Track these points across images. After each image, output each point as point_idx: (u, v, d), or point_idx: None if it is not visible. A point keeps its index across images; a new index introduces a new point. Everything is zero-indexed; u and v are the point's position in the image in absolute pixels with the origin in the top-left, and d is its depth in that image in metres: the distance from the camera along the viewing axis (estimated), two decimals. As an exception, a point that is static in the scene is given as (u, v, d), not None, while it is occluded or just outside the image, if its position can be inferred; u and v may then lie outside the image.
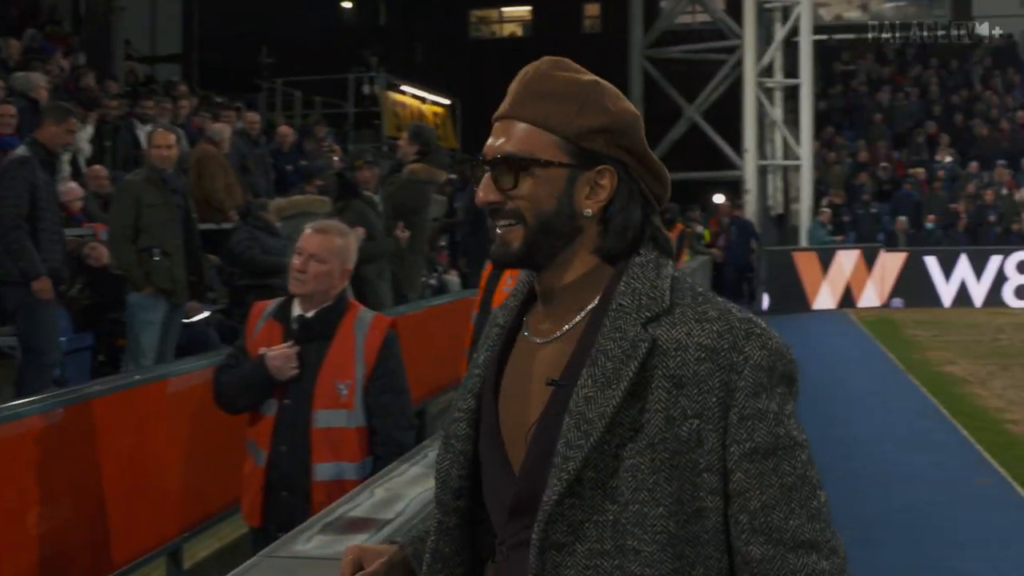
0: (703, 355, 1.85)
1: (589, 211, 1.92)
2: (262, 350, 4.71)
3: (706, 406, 1.84)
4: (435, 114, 26.39)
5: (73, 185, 11.36)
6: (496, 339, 2.05)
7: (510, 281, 8.31)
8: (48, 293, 8.09)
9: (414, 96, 25.72)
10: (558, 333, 1.95)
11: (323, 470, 4.62)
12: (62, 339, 8.72)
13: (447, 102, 27.70)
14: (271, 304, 4.96)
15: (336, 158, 11.38)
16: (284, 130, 16.31)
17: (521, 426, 1.94)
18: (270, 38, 28.21)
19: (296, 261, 4.73)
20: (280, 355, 4.65)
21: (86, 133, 13.09)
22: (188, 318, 9.59)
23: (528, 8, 39.47)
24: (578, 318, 1.94)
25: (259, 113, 17.51)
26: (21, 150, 8.35)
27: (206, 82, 24.47)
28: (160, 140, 8.87)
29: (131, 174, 9.06)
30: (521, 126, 1.92)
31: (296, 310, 4.79)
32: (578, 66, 1.98)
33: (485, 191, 1.95)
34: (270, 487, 4.68)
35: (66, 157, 11.69)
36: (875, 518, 8.02)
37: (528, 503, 1.89)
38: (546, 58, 1.97)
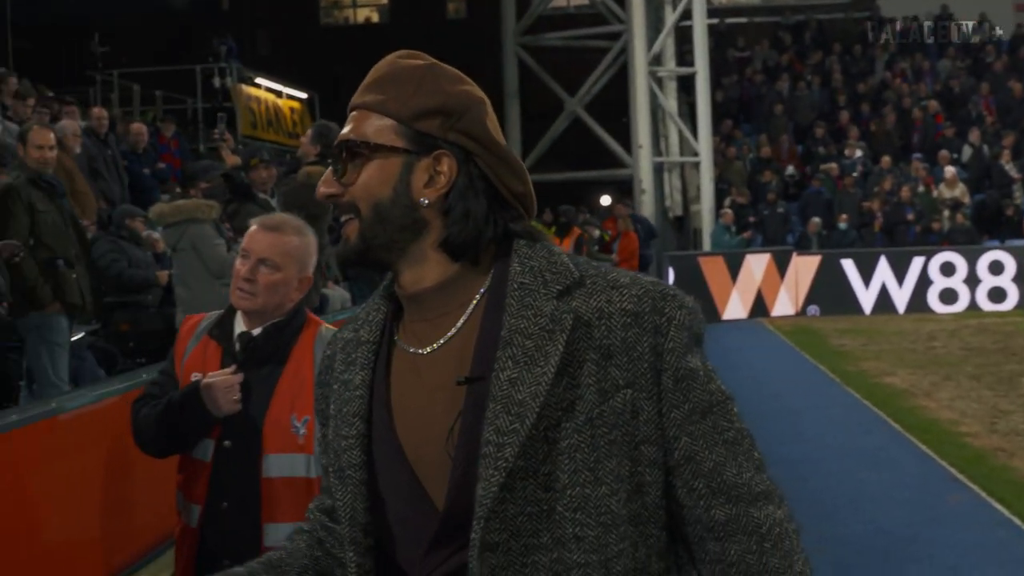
0: (628, 320, 1.95)
1: (426, 200, 1.99)
2: (195, 376, 4.16)
3: (637, 373, 1.94)
4: (292, 109, 26.16)
5: None
6: (368, 356, 2.08)
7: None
8: None
9: (269, 89, 25.45)
10: (445, 338, 2.00)
11: (278, 532, 3.96)
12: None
13: (304, 96, 27.49)
14: (206, 318, 4.39)
15: (228, 151, 11.09)
16: (137, 128, 15.99)
17: (426, 443, 1.97)
18: (96, 25, 27.61)
19: (240, 266, 4.14)
20: (218, 383, 4.07)
21: None
22: None
23: (383, -10, 39.44)
24: (465, 315, 2.00)
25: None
26: None
27: (25, 74, 23.85)
28: (39, 139, 8.66)
29: (8, 177, 8.74)
30: (360, 113, 2.04)
31: (239, 326, 4.23)
32: (424, 55, 2.09)
33: (324, 183, 2.05)
34: (207, 553, 4.09)
35: None
36: (850, 541, 8.13)
37: (463, 519, 1.92)
38: (400, 51, 2.11)
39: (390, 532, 2.02)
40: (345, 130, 2.05)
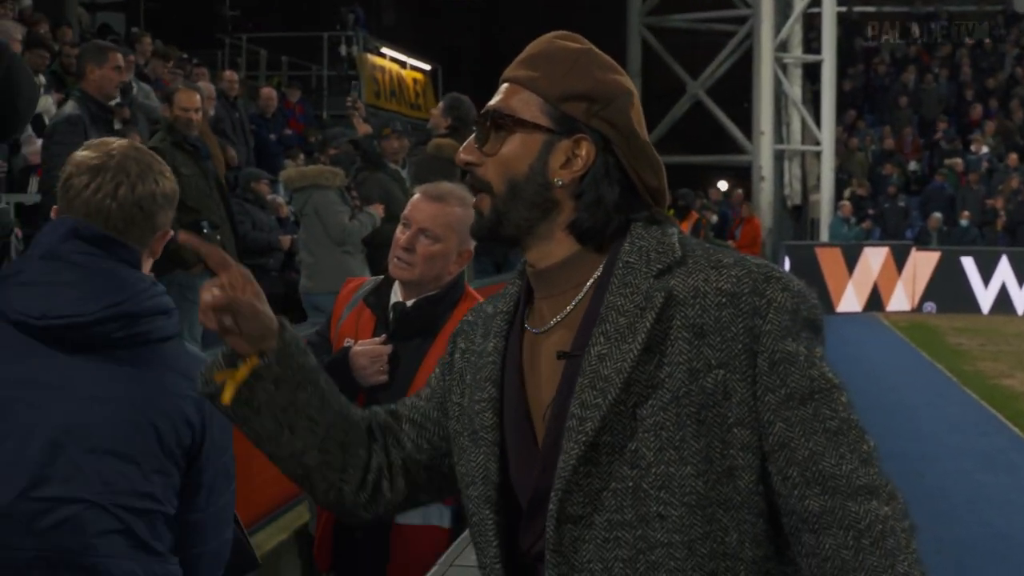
0: (724, 300, 1.93)
1: (561, 180, 2.01)
2: (347, 342, 4.09)
3: (731, 354, 1.91)
4: (415, 80, 26.25)
5: (36, 147, 11.16)
6: (502, 326, 2.13)
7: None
8: None
9: (393, 60, 25.56)
10: (559, 317, 2.03)
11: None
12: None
13: (428, 68, 27.57)
14: (366, 283, 4.31)
15: (360, 119, 11.10)
16: (267, 93, 16.16)
17: (540, 411, 2.02)
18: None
19: (400, 235, 4.03)
20: (367, 352, 3.99)
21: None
22: None
23: (509, -33, 39.38)
24: (579, 296, 2.03)
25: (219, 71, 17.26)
26: (69, 107, 8.09)
27: (155, 35, 24.19)
28: (185, 101, 8.63)
29: (152, 139, 8.78)
30: (511, 87, 2.07)
31: (395, 296, 4.12)
32: (583, 39, 2.11)
33: (464, 150, 2.07)
34: (342, 525, 4.09)
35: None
36: (967, 543, 8.04)
37: (546, 483, 1.96)
38: (558, 31, 2.12)
39: (515, 496, 2.06)
40: (493, 101, 2.08)
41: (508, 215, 2.03)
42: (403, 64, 26.06)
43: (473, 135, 2.08)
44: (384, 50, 25.28)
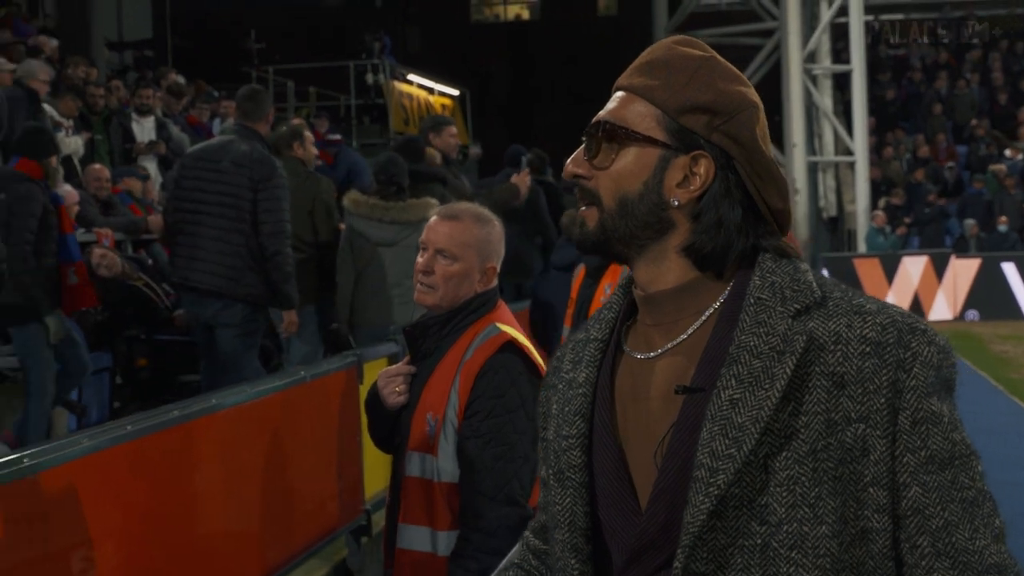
0: (868, 349, 1.80)
1: (677, 200, 1.88)
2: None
3: (872, 408, 1.79)
4: (443, 106, 26.24)
5: (69, 188, 11.18)
6: (595, 355, 1.98)
7: (608, 290, 8.10)
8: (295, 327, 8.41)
9: (420, 86, 25.59)
10: (672, 343, 1.89)
11: (410, 534, 3.91)
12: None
13: (456, 93, 27.58)
14: None
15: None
16: (298, 123, 16.08)
17: (643, 450, 1.87)
18: (252, 21, 28.06)
19: (419, 260, 4.00)
20: (381, 374, 4.04)
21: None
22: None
23: (534, -13, 39.48)
24: (697, 324, 1.89)
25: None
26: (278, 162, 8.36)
27: (183, 71, 24.32)
28: (310, 137, 9.57)
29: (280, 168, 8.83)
30: (626, 96, 1.93)
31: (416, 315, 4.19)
32: (705, 45, 1.97)
33: (573, 162, 1.94)
34: (388, 544, 4.06)
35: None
36: (1019, 555, 7.84)
37: (657, 536, 1.83)
38: (678, 36, 1.99)
39: (603, 539, 1.93)
40: (606, 110, 1.94)
41: (616, 232, 1.91)
42: (430, 90, 26.11)
43: (583, 145, 1.95)
44: (411, 77, 25.33)
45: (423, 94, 25.51)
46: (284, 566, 6.21)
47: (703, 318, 1.89)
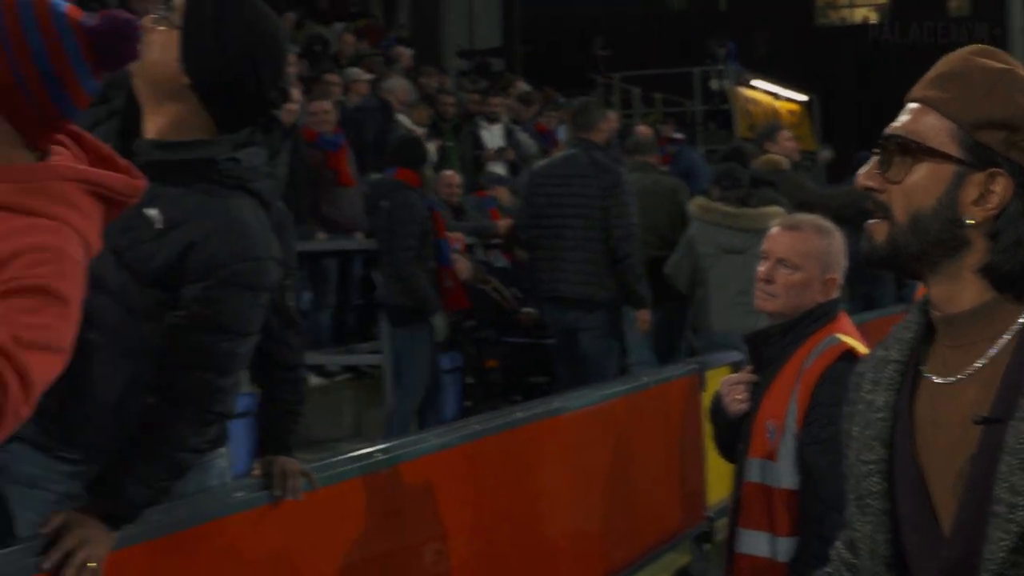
0: None
1: (972, 219, 1.80)
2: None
3: None
4: (791, 112, 25.89)
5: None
6: (894, 376, 1.90)
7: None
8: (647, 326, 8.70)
9: (766, 92, 25.38)
10: (970, 370, 1.79)
11: (749, 539, 4.00)
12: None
13: (804, 99, 27.22)
14: None
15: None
16: (644, 131, 16.18)
17: (944, 477, 1.79)
18: (598, 28, 28.39)
19: (761, 268, 4.11)
20: (723, 381, 4.18)
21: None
22: None
23: (883, -12, 38.70)
24: (996, 349, 1.81)
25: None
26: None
27: (531, 78, 24.80)
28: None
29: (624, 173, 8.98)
30: (917, 107, 1.87)
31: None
32: (1005, 56, 1.88)
33: (866, 175, 1.89)
34: (729, 549, 4.16)
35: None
36: None
37: (961, 566, 1.76)
38: (974, 45, 1.91)
39: (907, 567, 1.88)
40: (899, 122, 1.89)
41: (907, 248, 1.85)
42: (776, 96, 25.85)
43: (876, 158, 1.90)
44: (755, 82, 25.14)
45: (768, 100, 25.23)
46: (626, 568, 6.28)
47: (1002, 342, 1.81)
